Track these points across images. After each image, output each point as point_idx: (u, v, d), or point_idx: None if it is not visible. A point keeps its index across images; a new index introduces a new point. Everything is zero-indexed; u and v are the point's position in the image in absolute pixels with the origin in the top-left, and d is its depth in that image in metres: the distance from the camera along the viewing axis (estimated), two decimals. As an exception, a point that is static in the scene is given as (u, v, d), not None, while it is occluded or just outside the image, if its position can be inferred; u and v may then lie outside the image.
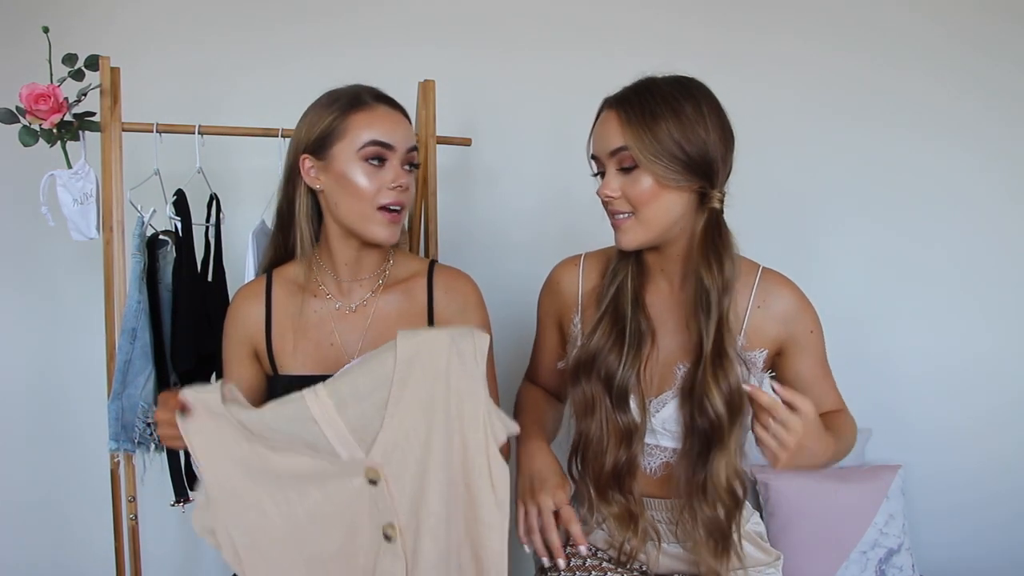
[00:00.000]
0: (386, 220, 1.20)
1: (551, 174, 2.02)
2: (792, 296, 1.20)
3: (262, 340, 1.26)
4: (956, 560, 2.08)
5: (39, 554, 1.99)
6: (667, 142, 1.08)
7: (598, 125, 1.15)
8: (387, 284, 1.29)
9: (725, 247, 1.13)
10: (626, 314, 1.18)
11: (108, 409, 1.48)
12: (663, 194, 1.10)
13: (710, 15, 2.03)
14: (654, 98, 1.10)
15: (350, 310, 1.27)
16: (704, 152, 1.09)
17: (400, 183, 1.19)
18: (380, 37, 1.96)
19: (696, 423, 1.14)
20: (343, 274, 1.27)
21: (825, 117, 2.04)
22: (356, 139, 1.18)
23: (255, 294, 1.29)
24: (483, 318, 1.33)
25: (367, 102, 1.20)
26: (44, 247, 1.91)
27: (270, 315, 1.27)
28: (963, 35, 2.04)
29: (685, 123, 1.08)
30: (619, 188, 1.11)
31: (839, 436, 1.14)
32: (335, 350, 1.25)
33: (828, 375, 1.26)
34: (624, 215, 1.13)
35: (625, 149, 1.09)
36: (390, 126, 1.20)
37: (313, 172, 1.22)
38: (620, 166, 1.11)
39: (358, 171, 1.18)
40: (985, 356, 2.07)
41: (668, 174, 1.09)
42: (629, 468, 1.18)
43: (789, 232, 2.02)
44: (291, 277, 1.29)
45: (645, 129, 1.08)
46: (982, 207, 2.07)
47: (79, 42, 1.56)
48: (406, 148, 1.21)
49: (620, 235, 1.15)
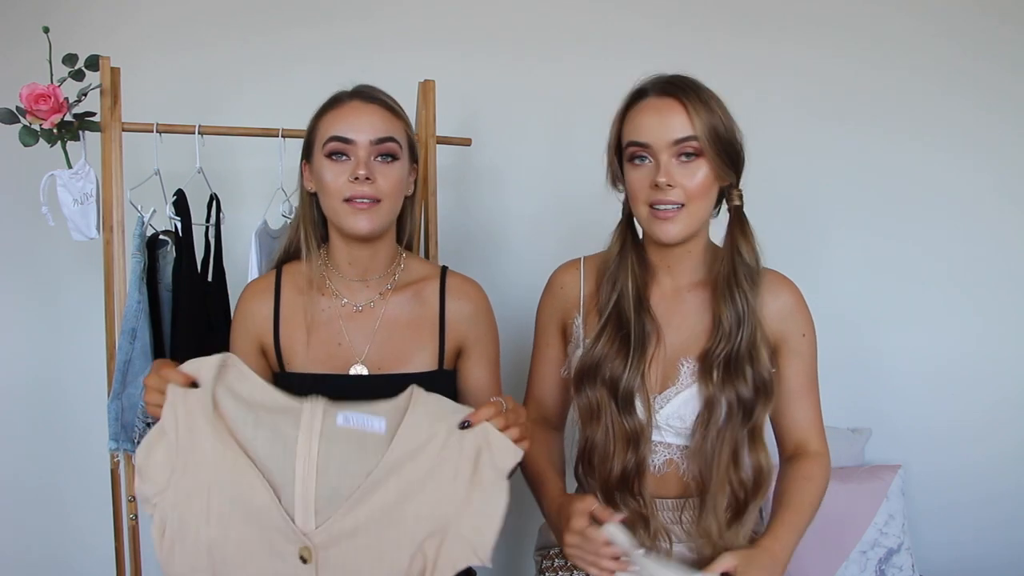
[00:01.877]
0: (353, 209, 1.18)
1: (551, 174, 2.02)
2: (790, 295, 1.21)
3: (270, 336, 1.26)
4: (956, 560, 2.08)
5: (39, 554, 1.98)
6: (724, 134, 1.11)
7: (651, 113, 1.12)
8: (397, 287, 1.29)
9: (752, 238, 1.18)
10: (629, 318, 1.17)
11: (108, 409, 1.48)
12: (712, 188, 1.13)
13: (709, 18, 2.03)
14: (704, 90, 1.12)
15: (357, 309, 1.27)
16: (740, 148, 1.15)
17: (358, 173, 1.16)
18: (380, 37, 1.96)
19: (720, 406, 1.14)
20: (347, 273, 1.27)
21: (821, 120, 2.05)
22: (322, 138, 1.20)
23: (264, 290, 1.29)
24: (493, 326, 1.32)
25: (340, 100, 1.22)
26: (44, 247, 1.91)
27: (278, 311, 1.27)
28: (959, 38, 2.05)
29: (730, 119, 1.13)
30: (676, 178, 1.11)
31: (796, 516, 1.15)
32: (343, 350, 1.25)
33: (813, 392, 1.24)
34: (674, 207, 1.11)
35: (694, 139, 1.09)
36: (352, 119, 1.19)
37: (307, 175, 1.26)
38: (682, 153, 1.10)
39: (325, 168, 1.19)
40: (984, 356, 2.08)
41: (722, 166, 1.12)
42: (638, 471, 1.17)
43: (789, 233, 2.02)
44: (301, 274, 1.29)
45: (711, 118, 1.10)
46: (982, 207, 2.07)
47: (79, 42, 1.56)
48: (370, 139, 1.18)
49: (666, 226, 1.12)
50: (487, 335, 1.32)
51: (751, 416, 1.14)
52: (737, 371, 1.13)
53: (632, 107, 1.15)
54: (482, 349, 1.31)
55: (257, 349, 1.28)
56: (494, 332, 1.33)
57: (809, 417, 1.22)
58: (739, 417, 1.14)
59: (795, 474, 1.20)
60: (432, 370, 1.27)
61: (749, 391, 1.13)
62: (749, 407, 1.14)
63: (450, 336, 1.27)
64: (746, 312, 1.15)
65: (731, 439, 1.14)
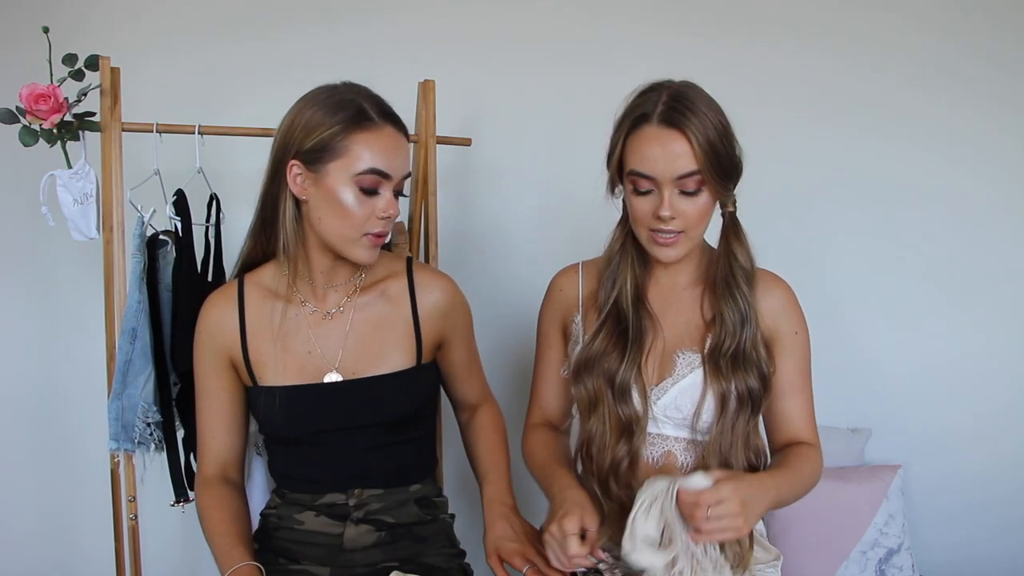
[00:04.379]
0: (370, 244, 1.17)
1: (551, 174, 2.02)
2: (783, 293, 1.24)
3: (238, 349, 1.24)
4: (956, 560, 2.08)
5: (38, 554, 1.98)
6: (726, 160, 1.13)
7: (655, 144, 1.11)
8: (363, 287, 1.27)
9: (746, 241, 1.22)
10: (628, 315, 1.20)
11: (108, 409, 1.48)
12: (712, 209, 1.17)
13: (708, 22, 2.03)
14: (705, 115, 1.11)
15: (327, 316, 1.25)
16: (739, 161, 1.17)
17: (389, 213, 1.16)
18: (380, 37, 1.95)
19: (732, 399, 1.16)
20: (318, 280, 1.25)
21: (819, 123, 2.05)
22: (356, 162, 1.12)
23: (226, 300, 1.26)
24: (467, 310, 1.35)
25: (372, 120, 1.14)
26: (44, 247, 1.91)
27: (243, 323, 1.24)
28: (954, 42, 2.05)
29: (730, 136, 1.14)
30: (679, 208, 1.13)
31: (791, 474, 1.16)
32: (315, 359, 1.24)
33: (805, 389, 1.25)
34: (674, 234, 1.14)
35: (697, 173, 1.11)
36: (392, 152, 1.15)
37: (301, 181, 1.16)
38: (684, 189, 1.12)
39: (350, 195, 1.13)
40: (985, 356, 2.08)
41: (722, 187, 1.14)
42: (631, 462, 1.19)
43: (789, 234, 2.02)
44: (264, 283, 1.26)
45: (714, 153, 1.11)
46: (982, 208, 2.07)
47: (79, 42, 1.56)
48: (401, 176, 1.17)
49: (667, 251, 1.16)
50: (463, 319, 1.35)
51: (758, 408, 1.18)
52: (746, 365, 1.17)
53: (634, 133, 1.14)
54: (461, 334, 1.34)
55: (226, 364, 1.25)
56: (469, 314, 1.36)
57: (801, 414, 1.24)
58: (749, 408, 1.17)
59: (790, 450, 1.23)
60: (408, 368, 1.26)
61: (757, 382, 1.17)
62: (757, 398, 1.17)
63: (428, 331, 1.28)
64: (747, 310, 1.18)
65: (743, 430, 1.17)
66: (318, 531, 1.27)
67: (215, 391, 1.27)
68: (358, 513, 1.27)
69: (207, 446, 1.29)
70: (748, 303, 1.19)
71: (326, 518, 1.27)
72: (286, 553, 1.28)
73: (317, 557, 1.27)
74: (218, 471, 1.29)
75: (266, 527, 1.32)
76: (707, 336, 1.21)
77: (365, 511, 1.27)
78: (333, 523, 1.27)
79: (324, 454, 1.26)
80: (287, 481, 1.32)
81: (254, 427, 1.36)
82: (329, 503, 1.27)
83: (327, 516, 1.27)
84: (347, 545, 1.26)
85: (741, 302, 1.18)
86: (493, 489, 1.29)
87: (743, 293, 1.19)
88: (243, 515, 1.27)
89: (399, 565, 1.25)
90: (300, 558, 1.27)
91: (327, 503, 1.28)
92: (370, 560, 1.26)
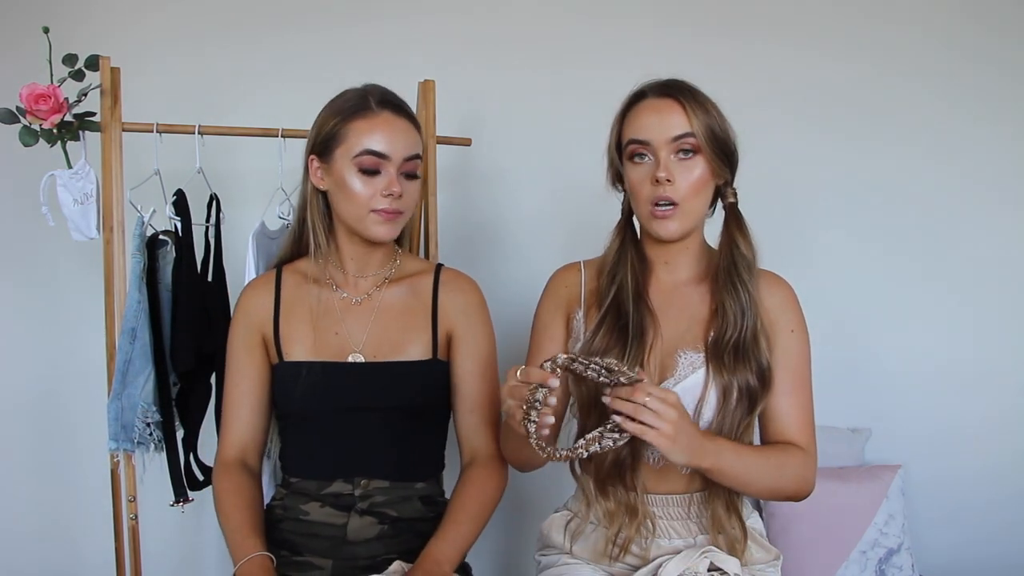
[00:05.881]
0: (381, 218, 1.25)
1: (551, 174, 2.02)
2: (785, 292, 1.24)
3: (270, 327, 1.31)
4: (956, 560, 2.08)
5: (38, 554, 1.98)
6: (719, 132, 1.16)
7: (651, 112, 1.16)
8: (393, 279, 1.35)
9: (748, 233, 1.22)
10: (628, 310, 1.20)
11: (108, 409, 1.48)
12: (708, 185, 1.18)
13: (705, 23, 2.04)
14: (699, 92, 1.17)
15: (356, 302, 1.32)
16: (735, 147, 1.19)
17: (392, 191, 1.23)
18: (380, 37, 1.96)
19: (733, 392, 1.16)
20: (350, 268, 1.33)
21: (816, 124, 2.04)
22: (354, 146, 1.23)
23: (265, 284, 1.35)
24: (486, 321, 1.37)
25: (370, 107, 1.24)
26: (44, 247, 1.91)
27: (279, 304, 1.32)
28: (951, 44, 2.05)
29: (724, 118, 1.18)
30: (675, 174, 1.15)
31: (756, 456, 1.16)
32: (340, 339, 1.30)
33: (801, 393, 1.22)
34: (669, 206, 1.15)
35: (691, 135, 1.14)
36: (388, 134, 1.24)
37: (319, 173, 1.28)
38: (679, 150, 1.15)
39: (354, 177, 1.23)
40: (985, 356, 2.08)
41: (718, 164, 1.17)
42: (632, 461, 1.18)
43: (788, 235, 2.02)
44: (301, 270, 1.35)
45: (707, 118, 1.15)
46: (983, 208, 2.07)
47: (80, 42, 1.56)
48: (403, 157, 1.24)
49: (664, 224, 1.17)
50: (478, 328, 1.35)
51: (755, 406, 1.17)
52: (746, 358, 1.17)
53: (632, 108, 1.20)
54: (472, 341, 1.34)
55: (258, 342, 1.32)
56: (487, 329, 1.36)
57: (795, 414, 1.21)
58: (745, 405, 1.16)
59: (772, 443, 1.22)
60: (427, 359, 1.32)
61: (755, 379, 1.16)
62: (753, 395, 1.17)
63: (442, 324, 1.33)
64: (749, 301, 1.18)
65: (739, 424, 1.17)
66: (323, 522, 1.28)
67: (244, 369, 1.32)
68: (363, 504, 1.28)
69: (230, 424, 1.32)
70: (749, 293, 1.18)
71: (331, 509, 1.28)
72: (289, 545, 1.29)
73: (320, 549, 1.28)
74: (238, 454, 1.31)
75: (271, 519, 1.33)
76: (709, 332, 1.20)
77: (370, 503, 1.28)
78: (338, 514, 1.28)
79: (336, 435, 1.29)
80: (296, 465, 1.34)
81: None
82: (335, 492, 1.29)
83: (332, 507, 1.29)
84: (350, 537, 1.27)
85: (742, 292, 1.18)
86: (438, 545, 1.22)
87: (744, 283, 1.19)
88: (258, 504, 1.31)
89: (400, 556, 1.26)
90: (303, 550, 1.29)
91: (333, 492, 1.29)
92: (371, 553, 1.27)
